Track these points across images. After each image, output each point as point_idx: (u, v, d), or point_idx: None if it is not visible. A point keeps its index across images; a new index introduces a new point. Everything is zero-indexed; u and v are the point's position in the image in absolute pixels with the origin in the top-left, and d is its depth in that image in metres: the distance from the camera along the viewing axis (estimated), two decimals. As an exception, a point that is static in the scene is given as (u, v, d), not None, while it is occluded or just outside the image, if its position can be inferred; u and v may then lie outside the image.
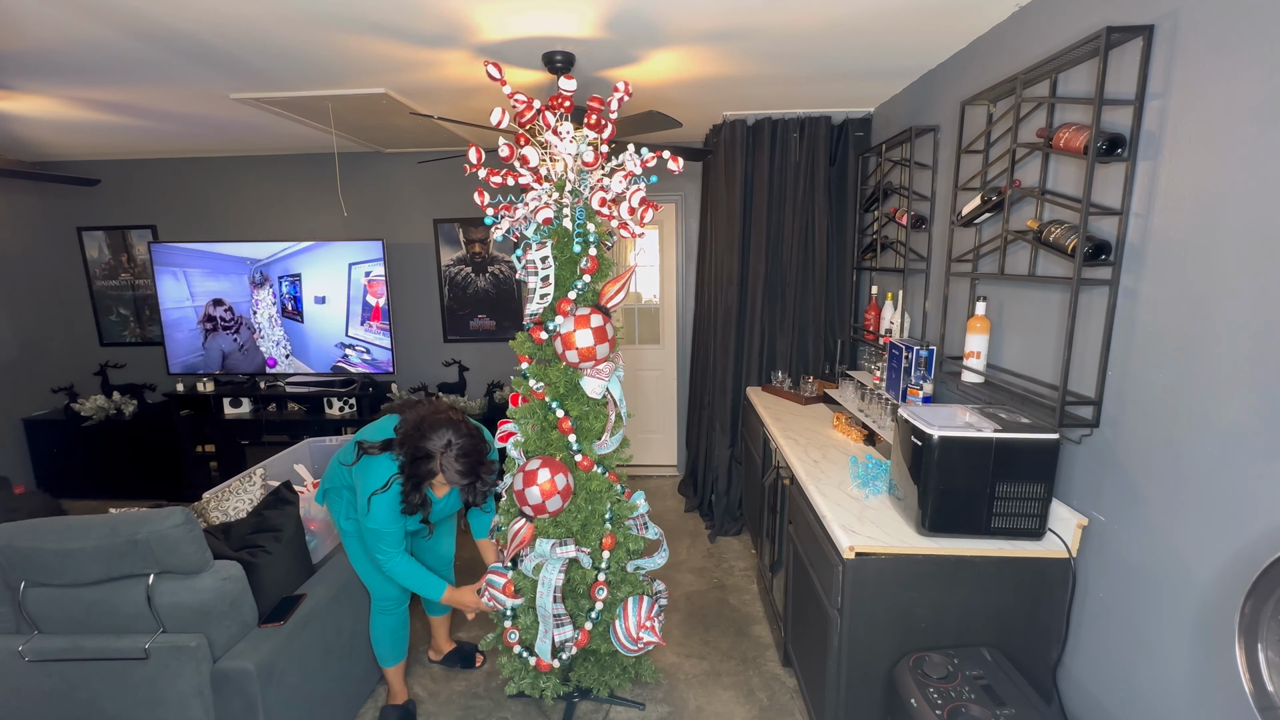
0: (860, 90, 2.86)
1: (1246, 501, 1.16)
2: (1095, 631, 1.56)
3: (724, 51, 2.28)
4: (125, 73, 2.44)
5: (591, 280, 1.93)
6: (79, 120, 3.20)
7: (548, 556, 1.93)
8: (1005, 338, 1.96)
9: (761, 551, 2.88)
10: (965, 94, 2.09)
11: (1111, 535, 1.51)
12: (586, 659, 2.16)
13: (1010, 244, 1.84)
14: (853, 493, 1.99)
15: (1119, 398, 1.48)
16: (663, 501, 4.09)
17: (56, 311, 4.51)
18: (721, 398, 3.57)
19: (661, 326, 4.46)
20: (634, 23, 2.00)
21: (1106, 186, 1.51)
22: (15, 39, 2.08)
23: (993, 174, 1.96)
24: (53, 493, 4.17)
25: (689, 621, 2.77)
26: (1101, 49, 1.42)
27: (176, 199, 4.37)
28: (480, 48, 2.21)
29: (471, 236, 4.26)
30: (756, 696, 2.30)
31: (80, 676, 1.67)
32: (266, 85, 2.63)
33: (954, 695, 1.46)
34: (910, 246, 2.56)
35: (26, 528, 1.65)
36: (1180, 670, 1.30)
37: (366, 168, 4.22)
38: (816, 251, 3.36)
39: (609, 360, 1.93)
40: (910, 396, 2.20)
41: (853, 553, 1.65)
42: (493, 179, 1.89)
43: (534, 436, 2.00)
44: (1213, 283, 1.23)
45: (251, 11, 1.87)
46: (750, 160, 3.34)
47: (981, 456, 1.59)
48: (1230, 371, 1.19)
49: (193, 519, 1.65)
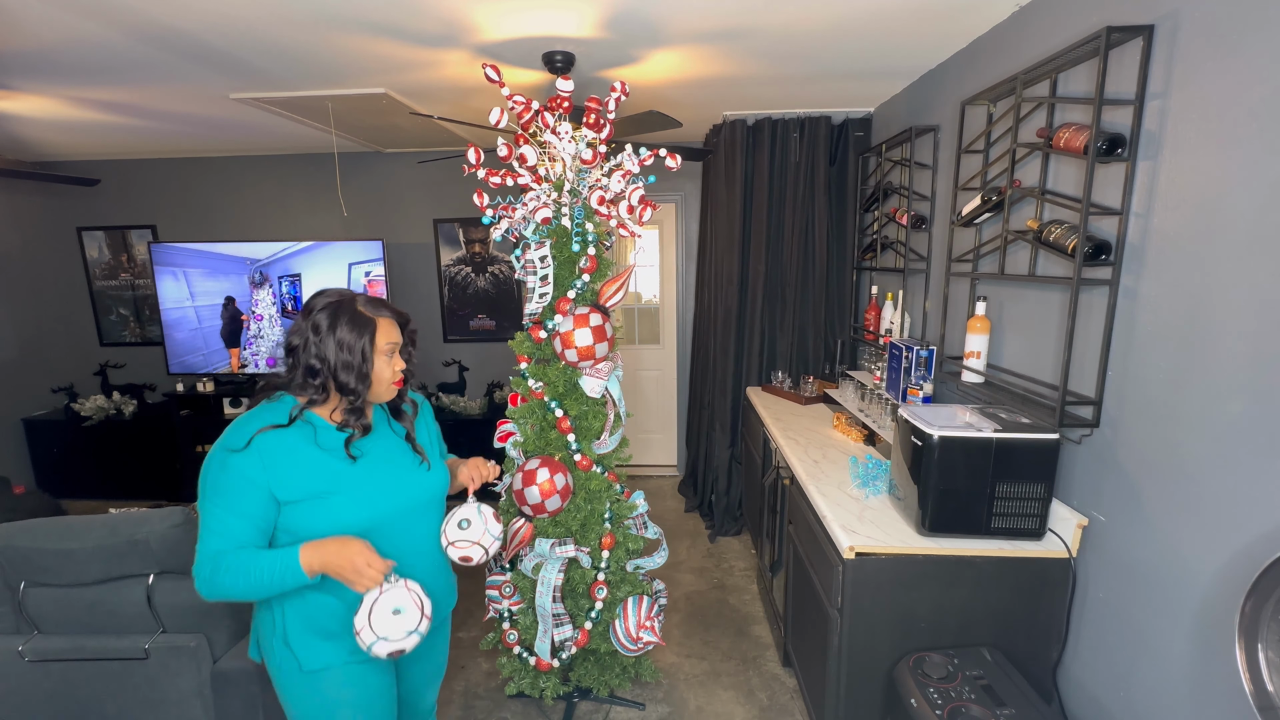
0: (860, 90, 2.86)
1: (1246, 501, 1.16)
2: (1095, 631, 1.56)
3: (724, 51, 2.28)
4: (125, 73, 2.44)
5: (590, 279, 1.93)
6: (79, 120, 3.20)
7: (547, 556, 1.93)
8: (1005, 338, 1.96)
9: (761, 551, 2.88)
10: (965, 94, 2.09)
11: (1112, 535, 1.51)
12: (586, 659, 2.16)
13: (1010, 244, 1.84)
14: (853, 493, 1.99)
15: (1119, 398, 1.48)
16: (663, 501, 4.09)
17: (56, 311, 4.51)
18: (721, 398, 3.57)
19: (661, 326, 4.46)
20: (634, 23, 2.00)
21: (1106, 186, 1.51)
22: (15, 39, 2.08)
23: (993, 174, 1.96)
24: (53, 493, 4.17)
25: (689, 621, 2.77)
26: (1101, 49, 1.42)
27: (176, 199, 4.37)
28: (480, 48, 2.21)
29: (471, 236, 4.26)
30: (756, 696, 2.30)
31: (80, 676, 1.67)
32: (266, 85, 2.63)
33: (954, 695, 1.46)
34: (910, 246, 2.56)
35: (26, 528, 1.65)
36: (1180, 670, 1.30)
37: (366, 168, 4.22)
38: (816, 251, 3.36)
39: (608, 359, 1.93)
40: (910, 396, 2.20)
41: (853, 553, 1.65)
42: (491, 179, 1.89)
43: (533, 436, 2.00)
44: (1213, 282, 1.23)
45: (251, 11, 1.87)
46: (750, 160, 3.34)
47: (981, 456, 1.59)
48: (1230, 371, 1.19)
49: (193, 519, 1.65)
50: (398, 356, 1.30)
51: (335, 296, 1.25)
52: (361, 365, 1.23)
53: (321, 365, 1.22)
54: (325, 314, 1.22)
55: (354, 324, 1.22)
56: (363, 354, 1.22)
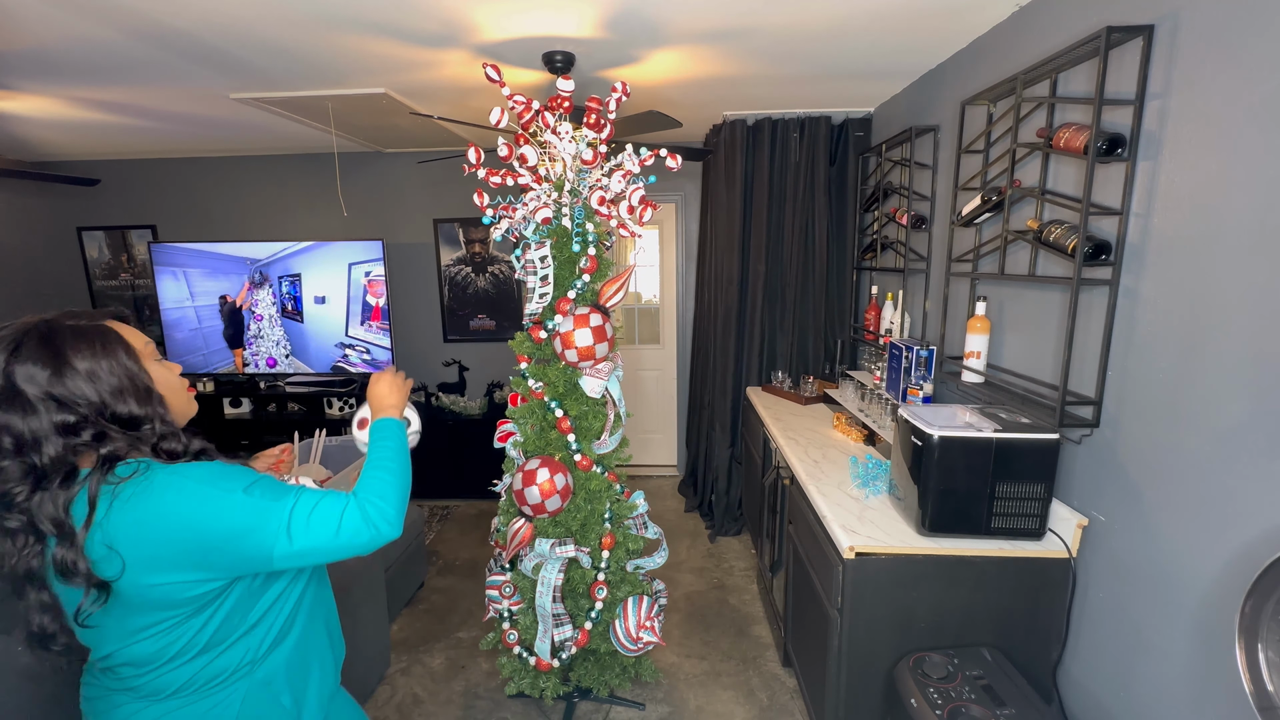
0: (860, 90, 2.86)
1: (1246, 501, 1.16)
2: (1095, 631, 1.56)
3: (724, 51, 2.28)
4: (125, 73, 2.44)
5: (591, 280, 1.93)
6: (79, 120, 3.20)
7: (547, 556, 1.93)
8: (1005, 338, 1.96)
9: (761, 551, 2.88)
10: (965, 94, 2.09)
11: (1111, 535, 1.51)
12: (586, 659, 2.16)
13: (1010, 244, 1.84)
14: (853, 493, 1.99)
15: (1119, 398, 1.48)
16: (663, 501, 4.09)
17: (56, 311, 4.50)
18: (721, 398, 3.57)
19: (661, 326, 4.46)
20: (634, 23, 2.00)
21: (1106, 186, 1.51)
22: (15, 39, 2.08)
23: (993, 174, 1.96)
24: (53, 493, 4.17)
25: (689, 621, 2.77)
26: (1101, 49, 1.42)
27: (176, 199, 4.37)
28: (480, 47, 2.21)
29: (471, 236, 4.26)
30: (756, 696, 2.30)
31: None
32: (266, 85, 2.63)
33: (954, 695, 1.46)
34: (910, 246, 2.56)
35: (26, 528, 1.65)
36: (1180, 670, 1.30)
37: (366, 168, 4.22)
38: (816, 251, 3.36)
39: (608, 360, 1.93)
40: (910, 396, 2.20)
41: (853, 553, 1.65)
42: (492, 179, 1.89)
43: (533, 436, 2.00)
44: (1213, 282, 1.23)
45: (251, 11, 1.87)
46: (750, 160, 3.34)
47: (981, 456, 1.59)
48: (1230, 371, 1.19)
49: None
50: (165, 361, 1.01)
51: (22, 329, 0.87)
52: (136, 384, 0.91)
53: (86, 412, 0.86)
54: (33, 357, 0.85)
55: (88, 342, 0.89)
56: (127, 371, 0.91)
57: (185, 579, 0.89)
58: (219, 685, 0.97)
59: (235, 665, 0.97)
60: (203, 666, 0.95)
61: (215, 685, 0.96)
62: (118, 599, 0.88)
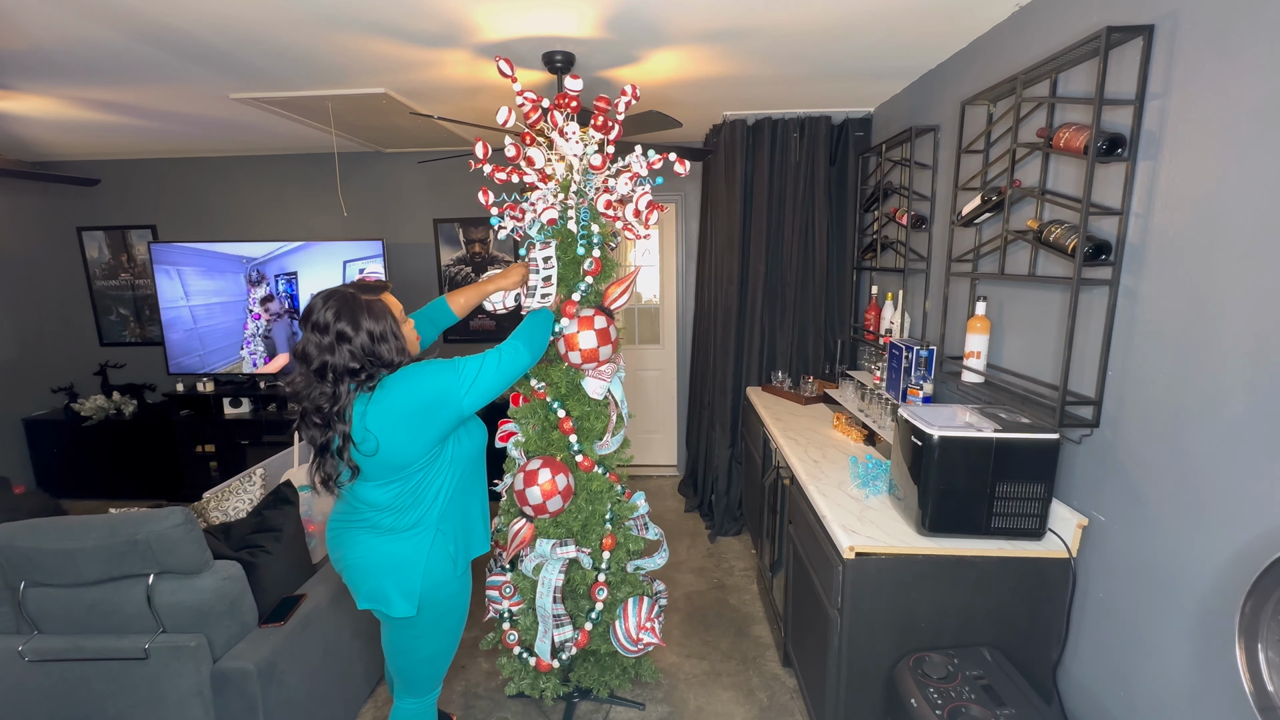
0: (860, 90, 2.86)
1: (1246, 501, 1.16)
2: (1095, 631, 1.56)
3: (724, 51, 2.28)
4: (125, 73, 2.44)
5: (595, 282, 1.92)
6: (79, 120, 3.20)
7: (548, 557, 1.92)
8: (1005, 338, 1.96)
9: (761, 551, 2.88)
10: (965, 94, 2.09)
11: (1111, 535, 1.51)
12: (586, 659, 2.16)
13: (1010, 244, 1.84)
14: (853, 493, 1.99)
15: (1119, 397, 1.48)
16: (663, 501, 4.09)
17: (56, 311, 4.51)
18: (721, 398, 3.57)
19: (661, 326, 4.46)
20: (634, 22, 2.00)
21: (1106, 186, 1.51)
22: (15, 39, 2.08)
23: (993, 174, 1.96)
24: (53, 493, 4.17)
25: (689, 621, 2.77)
26: (1101, 49, 1.42)
27: (176, 199, 4.37)
28: (480, 47, 2.21)
29: (472, 236, 4.26)
30: (756, 696, 2.30)
31: (80, 676, 1.67)
32: (266, 85, 2.63)
33: (954, 695, 1.46)
34: (910, 246, 2.56)
35: (26, 528, 1.65)
36: (1180, 670, 1.30)
37: (366, 168, 4.22)
38: (816, 251, 3.36)
39: (611, 361, 1.93)
40: (910, 396, 2.20)
41: (853, 553, 1.65)
42: (497, 175, 1.88)
43: (535, 436, 2.00)
44: (1213, 282, 1.23)
45: (251, 11, 1.87)
46: (750, 160, 3.34)
47: (981, 456, 1.59)
48: (1230, 371, 1.19)
49: (192, 519, 1.65)
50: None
51: (340, 299, 1.39)
52: (397, 339, 1.44)
53: (365, 353, 1.39)
54: (343, 317, 1.38)
55: (371, 314, 1.40)
56: (394, 332, 1.42)
57: (413, 447, 1.42)
58: (417, 530, 1.49)
59: (425, 517, 1.49)
60: (411, 515, 1.48)
61: (416, 529, 1.48)
62: (371, 462, 1.40)
